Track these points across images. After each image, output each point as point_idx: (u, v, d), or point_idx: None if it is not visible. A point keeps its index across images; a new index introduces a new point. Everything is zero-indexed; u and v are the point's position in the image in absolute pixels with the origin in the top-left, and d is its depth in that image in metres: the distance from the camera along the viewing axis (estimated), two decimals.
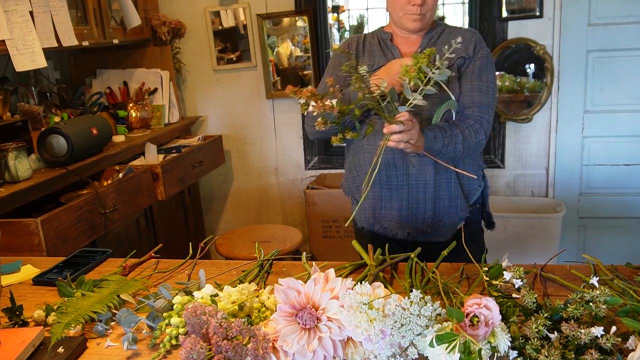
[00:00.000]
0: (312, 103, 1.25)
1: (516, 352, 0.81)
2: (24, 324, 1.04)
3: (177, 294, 1.03)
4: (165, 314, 0.96)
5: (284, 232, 2.83)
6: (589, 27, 2.77)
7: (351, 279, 0.91)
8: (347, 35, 4.60)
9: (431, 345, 0.78)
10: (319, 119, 1.29)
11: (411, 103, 1.24)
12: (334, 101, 1.26)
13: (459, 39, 1.25)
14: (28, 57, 2.09)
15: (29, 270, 1.31)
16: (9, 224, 1.80)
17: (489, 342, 0.79)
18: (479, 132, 1.49)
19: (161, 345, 0.91)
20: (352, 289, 0.85)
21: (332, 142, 1.37)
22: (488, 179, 1.69)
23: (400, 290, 1.04)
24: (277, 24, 3.14)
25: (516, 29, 2.86)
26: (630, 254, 2.88)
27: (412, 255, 1.17)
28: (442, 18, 3.13)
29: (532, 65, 2.90)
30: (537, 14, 2.81)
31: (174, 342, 0.91)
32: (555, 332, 0.82)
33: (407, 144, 1.29)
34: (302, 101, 1.27)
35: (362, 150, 1.58)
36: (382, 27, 1.65)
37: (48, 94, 2.73)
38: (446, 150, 1.43)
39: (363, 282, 0.86)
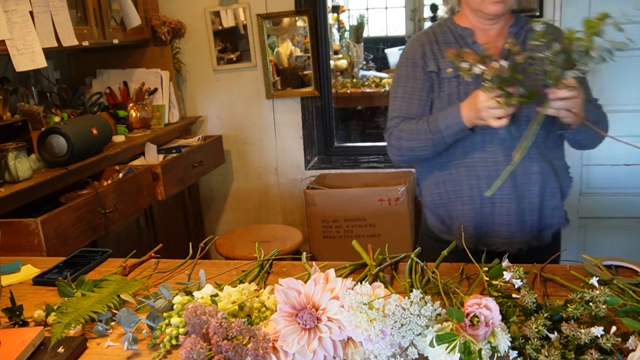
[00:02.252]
0: (480, 66, 1.18)
1: (516, 352, 0.81)
2: (24, 324, 1.04)
3: (177, 294, 1.03)
4: (165, 314, 0.96)
5: (284, 232, 2.83)
6: None
7: (351, 279, 0.92)
8: (347, 35, 4.60)
9: (431, 345, 0.78)
10: (488, 83, 1.21)
11: (581, 69, 1.18)
12: (504, 62, 1.19)
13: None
14: (28, 57, 2.09)
15: (29, 270, 1.31)
16: (9, 224, 1.80)
17: (489, 342, 0.79)
18: (606, 115, 1.47)
19: (161, 345, 0.91)
20: (352, 289, 0.85)
21: (499, 106, 1.24)
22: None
23: (400, 290, 1.04)
24: (277, 24, 3.14)
25: None
26: (630, 254, 2.86)
27: (412, 255, 1.17)
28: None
29: None
30: (537, 14, 2.81)
31: (174, 342, 0.91)
32: (555, 332, 0.82)
33: (569, 112, 1.24)
34: (466, 65, 1.19)
35: (455, 165, 1.46)
36: (451, 18, 1.50)
37: (48, 94, 2.73)
38: (596, 125, 1.34)
39: (363, 282, 0.86)
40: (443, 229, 1.54)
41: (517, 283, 0.94)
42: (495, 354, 0.79)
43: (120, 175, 2.36)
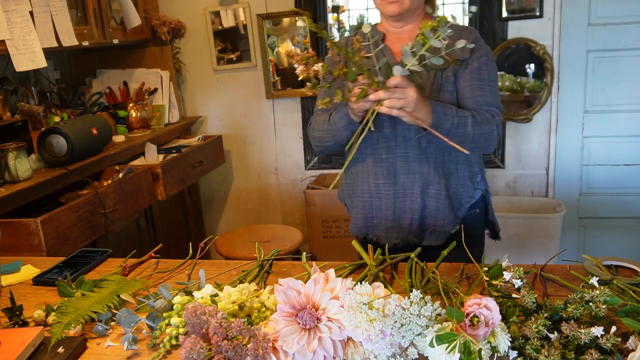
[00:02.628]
0: (300, 67, 1.24)
1: (516, 352, 0.81)
2: (24, 324, 1.04)
3: (177, 294, 1.03)
4: (165, 314, 0.96)
5: (284, 232, 2.83)
6: (589, 27, 2.77)
7: (351, 279, 0.91)
8: (347, 35, 4.61)
9: (431, 345, 0.78)
10: (308, 83, 1.27)
11: (407, 66, 1.21)
12: (319, 65, 1.23)
13: (462, 42, 1.19)
14: (28, 57, 2.09)
15: (29, 270, 1.31)
16: (9, 224, 1.80)
17: (489, 342, 0.79)
18: (491, 122, 1.41)
19: (161, 345, 0.91)
20: (352, 289, 0.85)
21: (319, 106, 1.32)
22: (489, 186, 1.63)
23: (400, 290, 1.04)
24: (277, 24, 3.14)
25: (516, 29, 2.86)
26: (630, 254, 2.87)
27: (412, 255, 1.17)
28: None
29: (532, 65, 2.90)
30: (537, 14, 2.81)
31: (174, 342, 0.91)
32: (555, 332, 0.82)
33: (402, 111, 1.25)
34: (297, 67, 1.26)
35: (354, 160, 1.52)
36: (375, 24, 1.58)
37: (48, 94, 2.73)
38: (455, 131, 1.34)
39: (363, 282, 0.86)
40: (349, 218, 1.64)
41: (517, 283, 0.94)
42: (495, 354, 0.79)
43: (120, 175, 2.36)
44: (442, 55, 1.18)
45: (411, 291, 0.80)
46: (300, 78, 1.26)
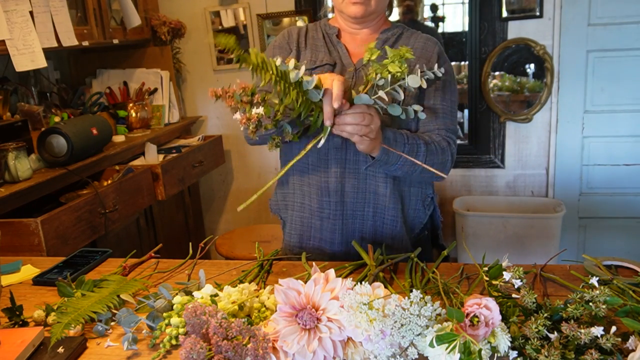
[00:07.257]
0: (237, 115, 1.07)
1: (516, 352, 0.81)
2: (24, 324, 1.04)
3: (177, 294, 1.03)
4: (165, 314, 0.96)
5: None
6: (589, 27, 2.77)
7: (351, 279, 0.91)
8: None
9: (431, 345, 0.78)
10: (250, 127, 1.08)
11: (377, 93, 1.11)
12: (260, 110, 1.07)
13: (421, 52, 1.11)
14: (28, 57, 2.09)
15: (29, 270, 1.31)
16: (9, 224, 1.80)
17: (489, 342, 0.79)
18: (446, 151, 1.29)
19: (161, 345, 0.91)
20: (352, 289, 0.85)
21: (269, 149, 1.16)
22: (439, 210, 1.47)
23: (400, 291, 1.04)
24: (277, 24, 3.14)
25: (516, 29, 2.86)
26: (630, 254, 2.87)
27: (412, 255, 1.17)
28: (442, 18, 3.13)
29: (532, 65, 2.90)
30: (537, 14, 2.81)
31: (174, 342, 0.91)
32: (555, 332, 0.82)
33: (364, 138, 1.12)
34: (233, 113, 1.09)
35: (292, 168, 1.35)
36: (328, 19, 1.45)
37: (48, 94, 2.73)
38: (405, 161, 1.21)
39: (363, 282, 0.86)
40: (283, 230, 1.49)
41: (517, 283, 0.94)
42: (495, 354, 0.79)
43: (121, 175, 2.36)
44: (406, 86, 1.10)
45: (411, 291, 0.80)
46: (242, 129, 1.09)
